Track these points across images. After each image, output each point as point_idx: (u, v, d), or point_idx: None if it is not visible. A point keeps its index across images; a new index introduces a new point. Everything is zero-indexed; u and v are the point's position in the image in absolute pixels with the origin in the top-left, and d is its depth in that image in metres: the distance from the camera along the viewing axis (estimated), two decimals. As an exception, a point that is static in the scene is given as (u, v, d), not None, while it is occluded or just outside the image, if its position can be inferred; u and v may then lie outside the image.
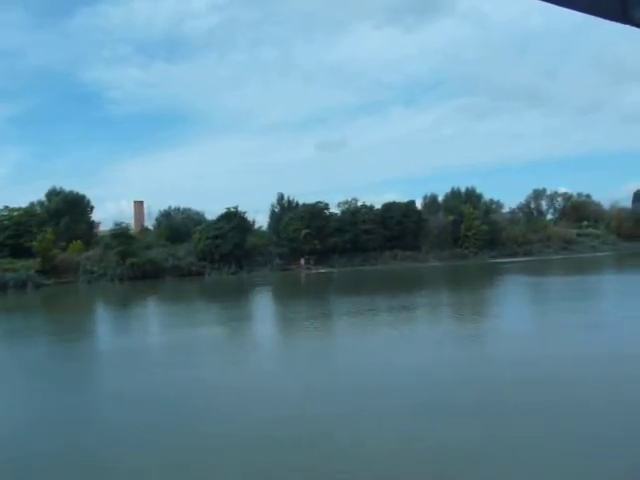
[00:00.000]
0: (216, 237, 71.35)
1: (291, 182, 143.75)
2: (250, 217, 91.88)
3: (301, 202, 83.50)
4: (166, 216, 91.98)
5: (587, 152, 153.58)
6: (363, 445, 12.22)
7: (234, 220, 73.52)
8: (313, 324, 31.95)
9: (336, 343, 26.84)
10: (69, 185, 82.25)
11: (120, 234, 68.32)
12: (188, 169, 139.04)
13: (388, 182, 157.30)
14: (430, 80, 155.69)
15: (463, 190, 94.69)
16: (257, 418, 14.39)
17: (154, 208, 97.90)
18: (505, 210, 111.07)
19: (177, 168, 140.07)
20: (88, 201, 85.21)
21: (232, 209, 74.73)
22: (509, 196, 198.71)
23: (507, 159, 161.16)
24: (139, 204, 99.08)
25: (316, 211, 78.62)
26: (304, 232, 75.57)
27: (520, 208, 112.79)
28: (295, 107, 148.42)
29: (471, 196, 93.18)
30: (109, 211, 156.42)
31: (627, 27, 1.42)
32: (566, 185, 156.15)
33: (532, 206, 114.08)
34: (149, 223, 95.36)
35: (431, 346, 23.89)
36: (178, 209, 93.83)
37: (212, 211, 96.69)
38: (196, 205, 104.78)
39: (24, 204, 77.97)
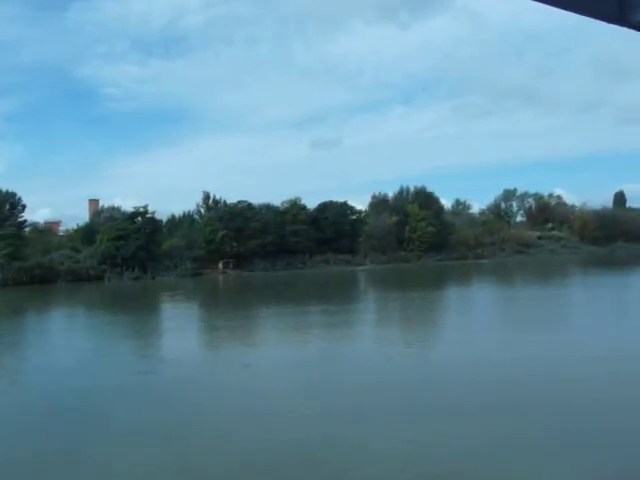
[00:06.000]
0: (119, 239, 65.55)
1: (288, 181, 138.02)
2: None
3: (229, 202, 77.54)
4: (98, 216, 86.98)
5: (584, 152, 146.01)
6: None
7: (140, 221, 67.60)
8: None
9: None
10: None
11: (8, 235, 62.61)
12: (184, 168, 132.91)
13: (385, 182, 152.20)
14: (427, 79, 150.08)
15: (412, 189, 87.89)
16: None
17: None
18: (474, 211, 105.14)
19: (173, 167, 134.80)
20: (19, 199, 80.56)
21: (141, 209, 68.75)
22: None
23: (505, 159, 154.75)
24: (94, 202, 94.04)
25: (237, 211, 72.38)
26: (220, 233, 69.49)
27: (490, 209, 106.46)
28: (291, 105, 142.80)
29: (420, 195, 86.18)
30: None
31: (624, 29, 1.41)
32: (564, 185, 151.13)
33: (502, 207, 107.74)
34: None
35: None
36: (112, 208, 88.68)
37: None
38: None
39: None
